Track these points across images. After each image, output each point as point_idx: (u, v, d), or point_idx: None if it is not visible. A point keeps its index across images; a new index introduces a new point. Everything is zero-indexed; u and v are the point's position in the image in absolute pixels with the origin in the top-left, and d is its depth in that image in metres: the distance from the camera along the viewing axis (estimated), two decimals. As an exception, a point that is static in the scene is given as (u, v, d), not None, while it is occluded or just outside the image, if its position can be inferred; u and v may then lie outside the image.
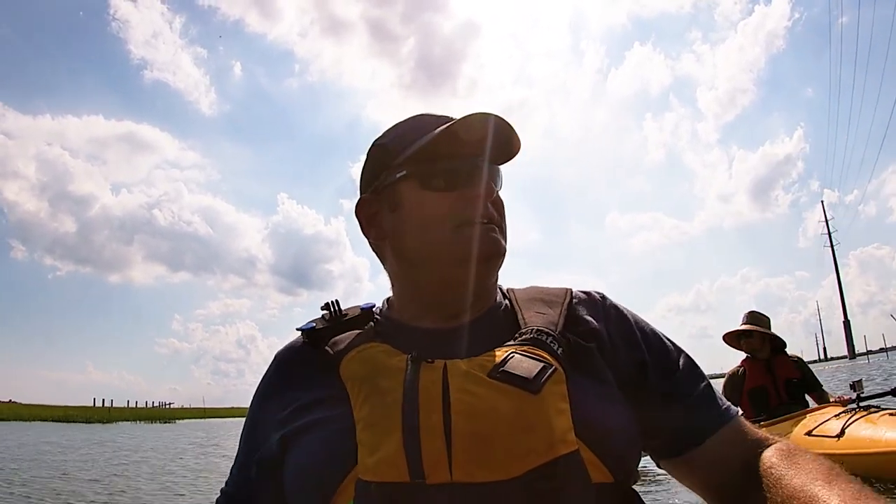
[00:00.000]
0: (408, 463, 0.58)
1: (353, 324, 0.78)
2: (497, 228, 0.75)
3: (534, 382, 0.61)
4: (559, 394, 0.62)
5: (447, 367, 0.64)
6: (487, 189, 0.74)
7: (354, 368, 0.68)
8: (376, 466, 0.59)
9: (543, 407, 0.61)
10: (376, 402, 0.63)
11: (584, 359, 0.69)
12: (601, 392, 0.67)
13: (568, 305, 0.75)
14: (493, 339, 0.69)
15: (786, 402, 4.18)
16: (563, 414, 0.61)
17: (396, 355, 0.67)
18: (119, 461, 9.82)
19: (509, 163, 0.80)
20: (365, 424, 0.62)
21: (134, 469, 8.50)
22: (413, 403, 0.61)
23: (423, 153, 0.74)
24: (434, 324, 0.75)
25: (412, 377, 0.63)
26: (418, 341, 0.70)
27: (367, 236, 0.82)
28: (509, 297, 0.80)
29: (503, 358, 0.64)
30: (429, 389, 0.62)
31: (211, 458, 10.57)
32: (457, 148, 0.73)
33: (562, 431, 0.60)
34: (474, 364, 0.64)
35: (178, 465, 9.09)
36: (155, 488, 6.45)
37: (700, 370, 0.78)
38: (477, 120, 0.72)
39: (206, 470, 8.35)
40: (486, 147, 0.75)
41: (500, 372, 0.62)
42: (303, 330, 0.78)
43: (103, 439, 16.85)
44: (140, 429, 26.31)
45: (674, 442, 0.73)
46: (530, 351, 0.66)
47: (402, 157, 0.75)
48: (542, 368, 0.63)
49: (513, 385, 0.61)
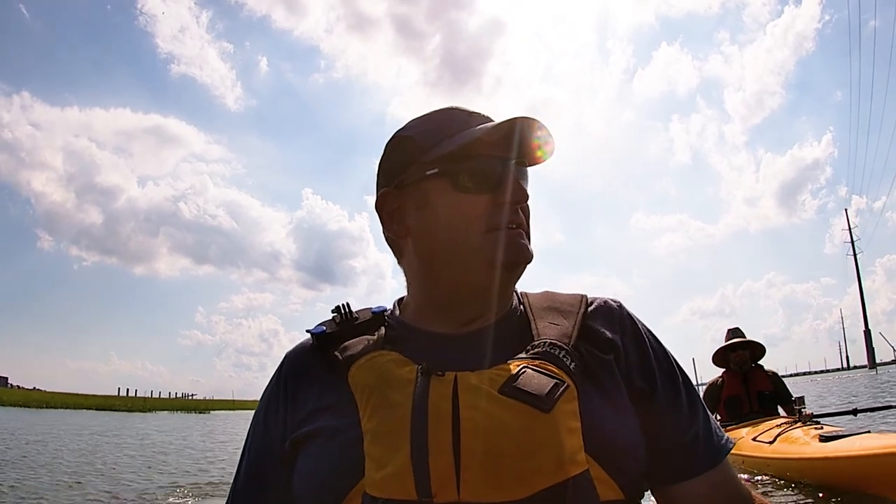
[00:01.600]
0: (415, 480, 0.57)
1: (364, 328, 0.76)
2: (525, 234, 0.73)
3: (545, 400, 0.60)
4: (571, 412, 0.61)
5: (457, 380, 0.63)
6: (521, 193, 0.72)
7: (363, 377, 0.67)
8: (384, 482, 0.58)
9: (554, 426, 0.60)
10: (385, 415, 0.62)
11: (597, 372, 0.68)
12: (613, 406, 0.66)
13: (583, 316, 0.74)
14: (505, 347, 0.69)
15: (757, 410, 4.78)
16: (575, 433, 0.60)
17: (406, 365, 0.66)
18: (208, 447, 10.72)
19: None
20: (373, 437, 0.61)
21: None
22: (422, 418, 0.60)
23: (459, 152, 0.71)
24: (447, 328, 0.74)
25: (422, 391, 0.62)
26: (429, 348, 0.70)
27: (386, 231, 0.79)
28: (524, 303, 0.78)
29: (515, 373, 0.63)
30: (438, 405, 0.61)
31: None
32: (493, 150, 0.72)
33: (572, 451, 0.59)
34: (485, 378, 0.63)
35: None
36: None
37: (699, 396, 0.76)
38: (517, 123, 0.70)
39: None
40: (522, 151, 0.74)
41: (512, 388, 0.61)
42: (312, 333, 0.76)
43: (162, 427, 17.79)
44: (180, 418, 26.96)
45: (667, 469, 0.71)
46: (542, 366, 0.64)
47: (434, 153, 0.72)
48: (555, 386, 0.62)
49: (524, 402, 0.60)
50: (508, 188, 0.72)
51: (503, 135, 0.71)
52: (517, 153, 0.73)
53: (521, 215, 0.72)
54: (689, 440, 0.71)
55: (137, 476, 6.55)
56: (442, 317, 0.75)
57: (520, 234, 0.72)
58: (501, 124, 0.70)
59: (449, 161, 0.72)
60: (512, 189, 0.72)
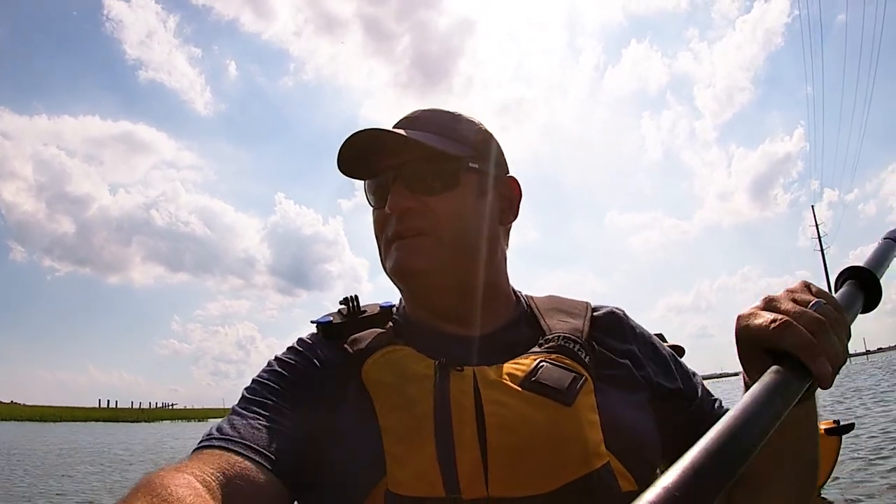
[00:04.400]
0: (443, 478, 0.57)
1: (372, 322, 0.74)
2: (415, 240, 0.69)
3: (567, 394, 0.60)
4: (590, 405, 0.62)
5: (477, 375, 0.62)
6: (391, 205, 0.69)
7: (379, 373, 0.65)
8: (410, 480, 0.57)
9: (577, 419, 0.60)
10: (405, 412, 0.61)
11: (611, 367, 0.68)
12: (627, 400, 0.67)
13: (591, 317, 0.74)
14: (518, 346, 0.68)
15: None
16: (595, 426, 0.61)
17: (422, 360, 0.65)
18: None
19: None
20: (394, 435, 0.60)
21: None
22: (445, 415, 0.59)
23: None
24: (453, 328, 0.73)
25: (442, 386, 0.61)
26: (441, 345, 0.68)
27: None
28: (530, 305, 0.78)
29: (533, 367, 0.63)
30: (460, 400, 0.60)
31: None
32: (359, 168, 0.72)
33: (595, 444, 0.59)
34: (504, 373, 0.63)
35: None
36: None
37: (709, 390, 0.78)
38: (351, 142, 0.68)
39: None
40: (372, 162, 0.71)
41: (532, 382, 0.61)
42: (318, 323, 0.74)
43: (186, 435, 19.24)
44: (185, 427, 28.09)
45: None
46: (559, 359, 0.64)
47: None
48: (574, 379, 0.62)
49: (546, 396, 0.60)
50: (381, 203, 0.71)
51: (349, 154, 0.70)
52: (380, 167, 0.71)
53: (403, 224, 0.69)
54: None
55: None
56: (434, 318, 0.74)
57: (404, 244, 0.70)
58: (344, 145, 0.69)
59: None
60: (382, 202, 0.70)
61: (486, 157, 0.74)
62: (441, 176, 0.70)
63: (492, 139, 0.77)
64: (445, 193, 0.70)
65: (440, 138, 0.71)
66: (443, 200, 0.70)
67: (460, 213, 0.70)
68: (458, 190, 0.71)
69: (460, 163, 0.71)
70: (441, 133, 0.72)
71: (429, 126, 0.72)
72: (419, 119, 0.74)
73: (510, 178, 0.78)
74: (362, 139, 0.68)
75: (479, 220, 0.72)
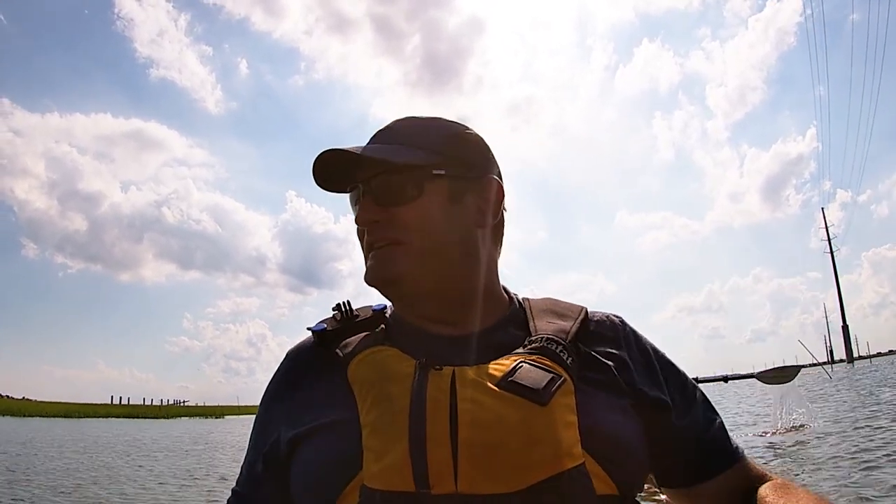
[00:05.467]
0: (413, 472, 0.57)
1: (365, 325, 0.76)
2: (386, 250, 0.71)
3: (542, 394, 0.60)
4: (567, 406, 0.61)
5: (455, 374, 0.63)
6: (359, 218, 0.72)
7: (362, 372, 0.67)
8: (382, 474, 0.58)
9: (551, 419, 0.60)
10: (384, 408, 0.62)
11: (595, 370, 0.68)
12: (610, 404, 0.66)
13: (582, 320, 0.74)
14: (504, 346, 0.68)
15: None
16: (571, 427, 0.60)
17: (405, 360, 0.66)
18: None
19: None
20: (372, 430, 0.61)
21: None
22: (420, 411, 0.60)
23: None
24: (442, 330, 0.74)
25: (420, 384, 0.62)
26: (429, 346, 0.69)
27: None
28: (524, 307, 0.78)
29: (512, 367, 0.63)
30: (436, 398, 0.61)
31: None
32: (336, 182, 0.75)
33: (568, 444, 0.59)
34: (482, 372, 0.63)
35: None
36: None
37: (712, 404, 0.78)
38: (321, 159, 0.71)
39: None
40: (357, 176, 0.73)
41: (509, 382, 0.61)
42: (313, 330, 0.76)
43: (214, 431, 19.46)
44: (204, 423, 28.33)
45: (683, 474, 0.74)
46: (539, 360, 0.65)
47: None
48: (552, 379, 0.62)
49: (521, 396, 0.60)
50: (356, 215, 0.73)
51: (321, 173, 0.73)
52: (346, 182, 0.75)
53: (374, 235, 0.72)
54: (708, 443, 0.75)
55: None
56: (425, 320, 0.75)
57: (375, 255, 0.72)
58: (317, 158, 0.71)
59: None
60: (357, 215, 0.73)
61: (455, 163, 0.74)
62: (404, 186, 0.71)
63: (464, 143, 0.76)
64: (411, 203, 0.71)
65: (405, 148, 0.72)
66: (409, 210, 0.71)
67: (427, 220, 0.71)
68: (424, 198, 0.71)
69: (424, 171, 0.72)
70: (409, 143, 0.73)
71: (397, 137, 0.74)
72: (391, 130, 0.76)
73: (489, 180, 0.77)
74: (330, 155, 0.70)
75: (449, 225, 0.72)
